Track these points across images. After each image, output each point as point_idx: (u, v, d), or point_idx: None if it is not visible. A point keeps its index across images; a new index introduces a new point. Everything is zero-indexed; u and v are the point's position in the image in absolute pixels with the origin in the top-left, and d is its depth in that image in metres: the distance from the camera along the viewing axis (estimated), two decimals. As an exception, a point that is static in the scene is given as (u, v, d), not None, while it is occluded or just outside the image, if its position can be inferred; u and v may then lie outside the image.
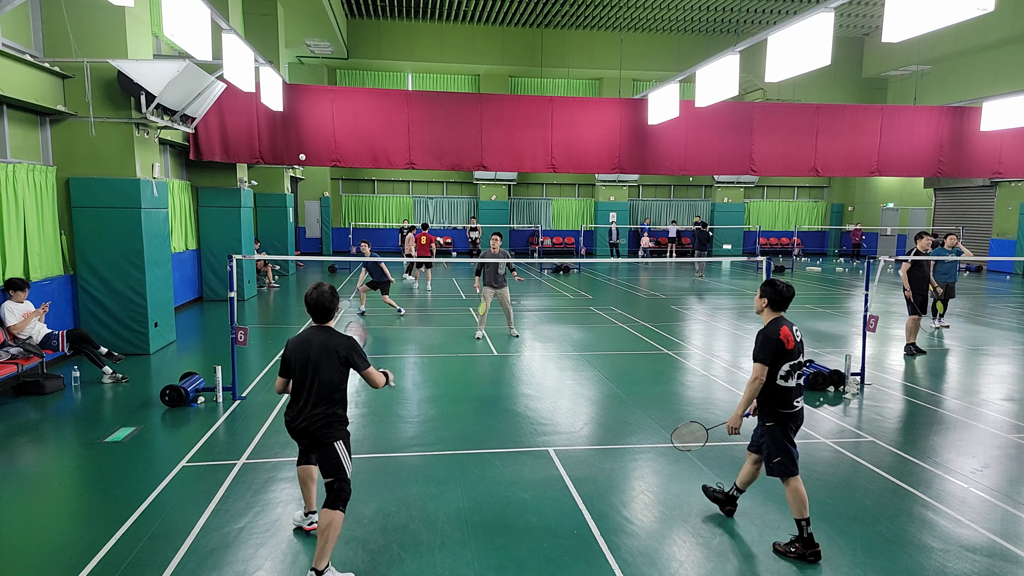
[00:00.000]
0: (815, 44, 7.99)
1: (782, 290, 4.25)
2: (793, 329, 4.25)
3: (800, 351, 4.26)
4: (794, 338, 4.22)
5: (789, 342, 4.16)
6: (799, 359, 4.25)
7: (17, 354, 7.31)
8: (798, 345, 4.24)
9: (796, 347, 4.22)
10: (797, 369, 4.24)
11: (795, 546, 4.09)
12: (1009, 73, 21.00)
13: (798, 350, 4.24)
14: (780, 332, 4.16)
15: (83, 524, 4.57)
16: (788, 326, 4.22)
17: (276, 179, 19.02)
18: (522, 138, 13.96)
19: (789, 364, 4.18)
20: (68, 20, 8.58)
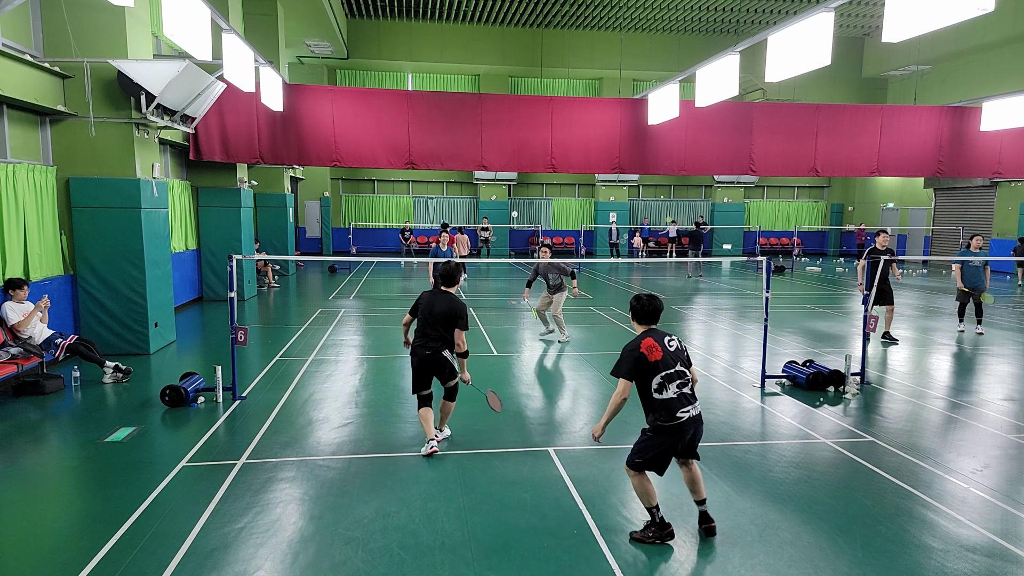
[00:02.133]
0: (815, 44, 7.98)
1: (644, 304, 4.27)
2: (664, 340, 4.21)
3: (675, 360, 4.18)
4: (662, 348, 4.16)
5: (653, 353, 4.12)
6: (675, 368, 4.16)
7: (17, 354, 7.32)
8: (669, 355, 4.18)
9: (666, 358, 4.15)
10: (675, 379, 4.15)
11: (651, 530, 4.26)
12: (1009, 73, 21.00)
13: (670, 360, 4.16)
14: (641, 345, 4.14)
15: (83, 524, 4.57)
16: (655, 337, 4.20)
17: (276, 179, 19.02)
18: (522, 138, 13.95)
19: (660, 376, 4.11)
20: (68, 20, 8.58)
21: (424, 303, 5.81)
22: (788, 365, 8.26)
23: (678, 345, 4.29)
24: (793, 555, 4.14)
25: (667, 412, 4.11)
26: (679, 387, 4.15)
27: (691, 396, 4.22)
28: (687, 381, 4.22)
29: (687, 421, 4.14)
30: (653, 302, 4.28)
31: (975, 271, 11.01)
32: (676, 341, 4.29)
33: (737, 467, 5.51)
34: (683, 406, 4.14)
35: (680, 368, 4.20)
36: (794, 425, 6.64)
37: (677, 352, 4.24)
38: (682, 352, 4.29)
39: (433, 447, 5.68)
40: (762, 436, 6.38)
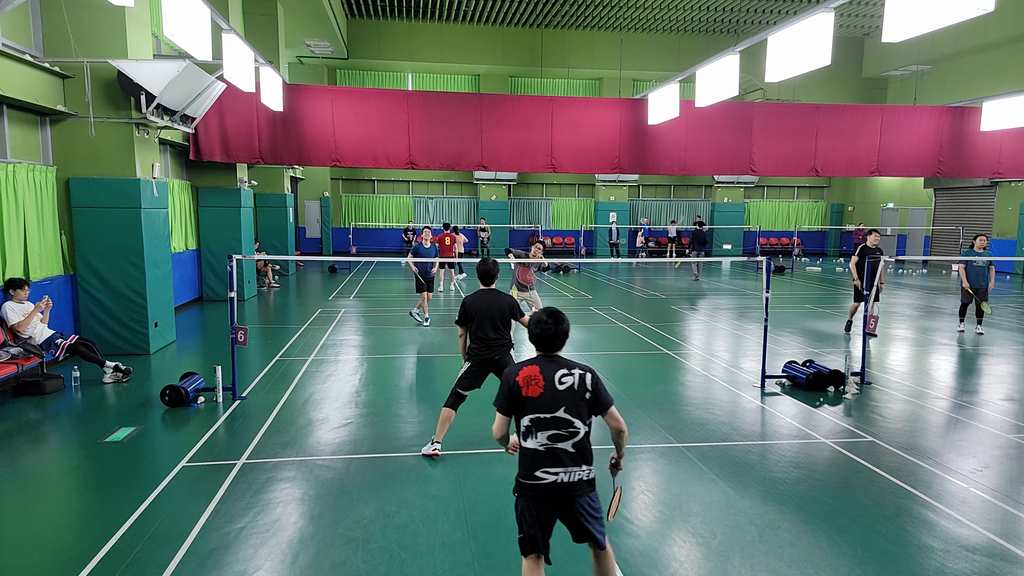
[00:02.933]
0: (815, 44, 7.98)
1: (541, 326, 3.22)
2: (556, 375, 3.14)
3: (558, 404, 3.10)
4: (545, 384, 3.12)
5: (530, 387, 3.13)
6: (554, 414, 3.10)
7: (17, 354, 7.32)
8: (555, 394, 3.11)
9: (546, 397, 3.11)
10: (549, 428, 3.11)
11: None
12: (1009, 73, 21.00)
13: (551, 401, 3.11)
14: (519, 373, 3.18)
15: (83, 524, 4.57)
16: (545, 369, 3.16)
17: (276, 179, 19.02)
18: (522, 138, 13.95)
19: (529, 418, 3.13)
20: (68, 20, 8.58)
21: (475, 308, 5.64)
22: (788, 365, 8.26)
23: (578, 385, 3.13)
24: (793, 555, 4.14)
25: (526, 467, 3.17)
26: (552, 439, 3.10)
27: (571, 456, 3.10)
28: (570, 436, 3.11)
29: (551, 486, 3.09)
30: (551, 325, 3.21)
31: (979, 271, 11.02)
32: (576, 379, 3.14)
33: (737, 467, 5.51)
34: (549, 465, 3.10)
35: (563, 416, 3.10)
36: (794, 425, 6.64)
37: (569, 394, 3.11)
38: (581, 395, 3.13)
39: (436, 449, 5.67)
40: (762, 436, 6.38)
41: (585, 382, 3.15)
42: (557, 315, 3.25)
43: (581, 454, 3.13)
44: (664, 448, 5.93)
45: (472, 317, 5.66)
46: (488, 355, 5.67)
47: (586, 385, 3.15)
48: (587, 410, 3.15)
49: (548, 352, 3.24)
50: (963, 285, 11.12)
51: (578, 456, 3.12)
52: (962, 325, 11.48)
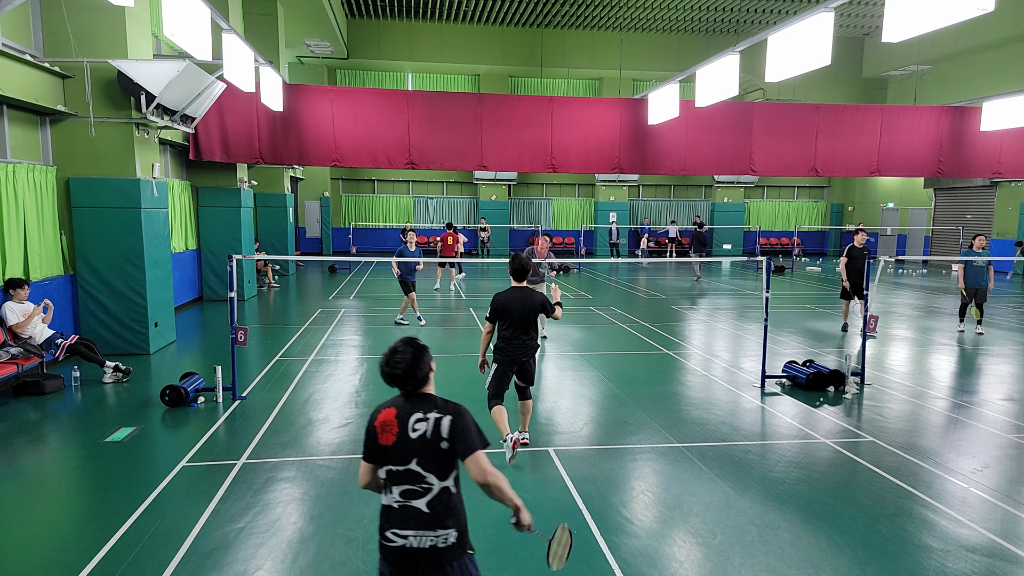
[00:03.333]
0: (815, 44, 7.98)
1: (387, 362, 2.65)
2: (411, 420, 2.60)
3: (409, 456, 2.57)
4: (397, 430, 2.60)
5: (385, 434, 2.61)
6: (406, 467, 2.58)
7: (17, 354, 7.32)
8: (407, 443, 2.58)
9: (398, 446, 2.59)
10: (402, 483, 2.59)
11: None
12: (1009, 73, 21.00)
13: (403, 452, 2.58)
14: (377, 416, 2.66)
15: (83, 524, 4.57)
16: (398, 409, 2.64)
17: (276, 179, 19.02)
18: (522, 138, 13.95)
19: (385, 470, 2.62)
20: (68, 20, 8.58)
21: (506, 306, 5.55)
22: (788, 365, 8.26)
23: (431, 433, 2.58)
24: (793, 555, 4.14)
25: (380, 524, 2.66)
26: (404, 496, 2.59)
27: (424, 518, 2.57)
28: (423, 492, 2.58)
29: (398, 551, 2.58)
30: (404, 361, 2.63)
31: (978, 271, 11.03)
32: (431, 425, 2.59)
33: (737, 467, 5.51)
34: (399, 527, 2.58)
35: (415, 469, 2.58)
36: (794, 425, 6.64)
37: (422, 443, 2.58)
38: (435, 445, 2.58)
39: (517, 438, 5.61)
40: (762, 436, 6.38)
41: (440, 429, 2.58)
42: (416, 346, 2.68)
43: (436, 515, 2.58)
44: (664, 448, 5.93)
45: (502, 315, 5.56)
46: (515, 355, 5.61)
47: (440, 432, 2.58)
48: (444, 462, 2.60)
49: (412, 388, 2.67)
50: (960, 285, 11.16)
51: (432, 518, 2.57)
52: (962, 325, 11.48)
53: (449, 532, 2.60)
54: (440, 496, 2.60)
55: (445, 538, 2.59)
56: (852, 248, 11.26)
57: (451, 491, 2.63)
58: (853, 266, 11.22)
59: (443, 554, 2.58)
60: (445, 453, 2.59)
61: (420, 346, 2.71)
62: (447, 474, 2.62)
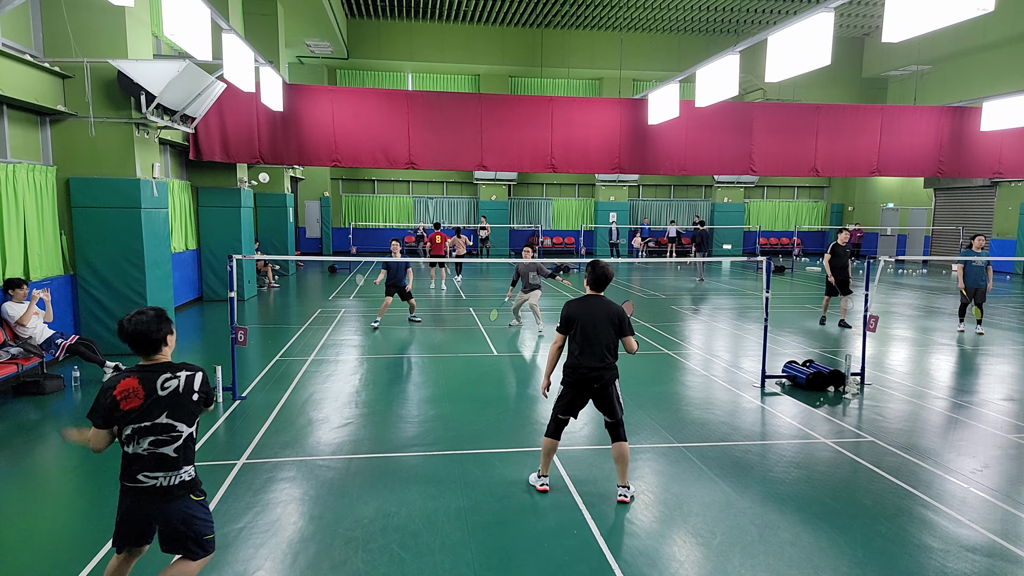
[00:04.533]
0: (815, 44, 7.98)
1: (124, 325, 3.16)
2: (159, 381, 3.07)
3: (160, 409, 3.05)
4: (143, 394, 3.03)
5: (128, 401, 3.03)
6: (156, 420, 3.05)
7: (17, 354, 7.32)
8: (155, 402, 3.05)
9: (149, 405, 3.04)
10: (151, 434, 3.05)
11: None
12: (1009, 73, 21.00)
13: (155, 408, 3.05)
14: (116, 387, 3.04)
15: (83, 524, 4.57)
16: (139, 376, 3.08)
17: (276, 179, 19.02)
18: (522, 138, 13.96)
19: (132, 427, 3.05)
20: (68, 20, 8.58)
21: (580, 316, 4.79)
22: (788, 365, 8.26)
23: (184, 388, 3.11)
24: (793, 555, 4.14)
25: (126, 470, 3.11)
26: (153, 445, 3.06)
27: (172, 460, 3.09)
28: (172, 440, 3.09)
29: (152, 490, 3.08)
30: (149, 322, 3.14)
31: (978, 271, 11.04)
32: (182, 381, 3.12)
33: (737, 467, 5.51)
34: (151, 469, 3.07)
35: (166, 421, 3.07)
36: (794, 425, 6.64)
37: (175, 397, 3.09)
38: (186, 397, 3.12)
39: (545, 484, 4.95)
40: (762, 436, 6.38)
41: (192, 383, 3.15)
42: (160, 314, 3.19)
43: (184, 457, 3.14)
44: (664, 448, 5.93)
45: (574, 326, 4.80)
46: (589, 377, 4.75)
47: (193, 387, 3.15)
48: (195, 410, 3.17)
49: (148, 356, 3.14)
50: (959, 285, 11.21)
51: (180, 460, 3.12)
52: (962, 325, 11.49)
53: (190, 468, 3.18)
54: (185, 441, 3.14)
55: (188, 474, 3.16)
56: (836, 246, 11.80)
57: (192, 436, 3.18)
58: (837, 263, 11.74)
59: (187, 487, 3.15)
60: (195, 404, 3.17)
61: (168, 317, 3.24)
62: (192, 422, 3.17)
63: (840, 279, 11.74)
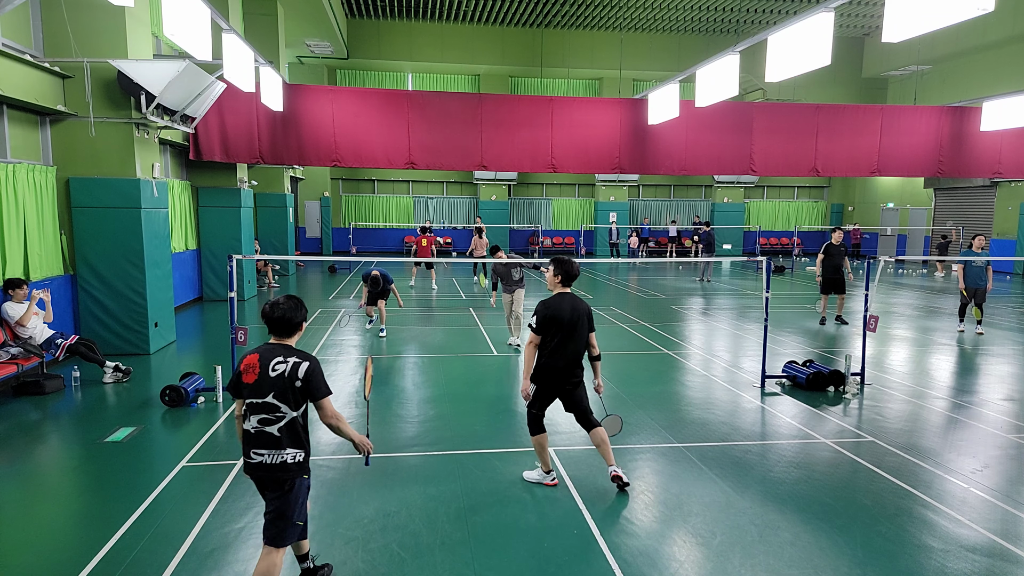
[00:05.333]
0: (815, 44, 7.98)
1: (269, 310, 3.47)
2: (271, 363, 3.34)
3: (268, 390, 3.31)
4: (260, 371, 3.33)
5: (248, 374, 3.35)
6: (263, 399, 3.31)
7: (17, 354, 7.32)
8: (266, 381, 3.31)
9: (259, 383, 3.32)
10: (260, 412, 3.31)
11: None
12: (1009, 73, 21.00)
13: (263, 387, 3.31)
14: (244, 360, 3.41)
15: (83, 524, 4.57)
16: (261, 354, 3.39)
17: (276, 179, 19.02)
18: (522, 138, 13.95)
19: (247, 403, 3.35)
20: (68, 20, 8.58)
21: (560, 316, 4.76)
22: (788, 365, 8.26)
23: (289, 373, 3.33)
24: (793, 555, 4.14)
25: (243, 447, 3.39)
26: (261, 423, 3.31)
27: (275, 440, 3.30)
28: (276, 420, 3.32)
29: (253, 466, 3.33)
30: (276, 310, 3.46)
31: (977, 271, 11.04)
32: (289, 367, 3.34)
33: (737, 467, 5.51)
34: (258, 446, 3.32)
35: (272, 401, 3.31)
36: (794, 425, 6.64)
37: (279, 381, 3.31)
38: (290, 382, 3.32)
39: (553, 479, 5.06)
40: (762, 436, 6.38)
41: (297, 371, 3.33)
42: (295, 301, 3.50)
43: (285, 440, 3.32)
44: (664, 448, 5.93)
45: (552, 327, 4.76)
46: (563, 379, 4.87)
47: (297, 374, 3.33)
48: (297, 397, 3.34)
49: (280, 337, 3.48)
50: (960, 286, 11.22)
51: (278, 441, 3.31)
52: (962, 325, 11.49)
53: (298, 452, 3.37)
54: (290, 423, 3.34)
55: (295, 456, 3.35)
56: (830, 246, 12.01)
57: (297, 420, 3.37)
58: (831, 263, 11.92)
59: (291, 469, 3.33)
60: (297, 391, 3.33)
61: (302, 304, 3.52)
62: (296, 407, 3.34)
63: (833, 278, 11.90)
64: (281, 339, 3.47)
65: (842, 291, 12.09)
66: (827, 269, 11.98)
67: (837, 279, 11.93)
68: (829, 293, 12.14)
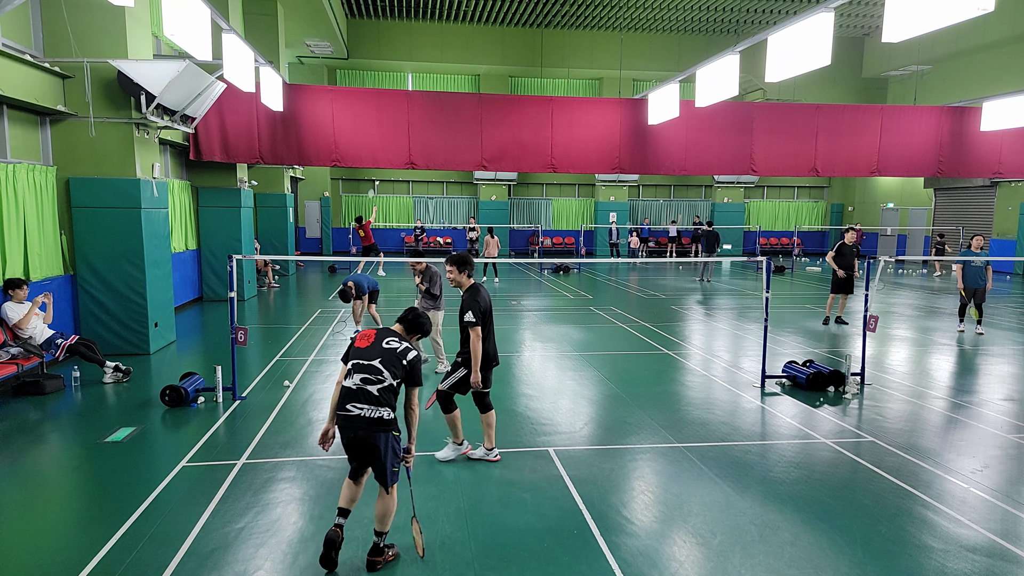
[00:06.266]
0: (815, 44, 7.98)
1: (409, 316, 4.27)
2: (385, 339, 4.05)
3: (375, 356, 3.95)
4: (372, 340, 4.03)
5: (360, 341, 4.05)
6: (371, 362, 3.93)
7: (17, 354, 7.32)
8: (378, 350, 3.98)
9: (371, 349, 3.99)
10: (363, 372, 3.92)
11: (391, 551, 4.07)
12: (1009, 73, 21.00)
13: (373, 352, 3.97)
14: (357, 338, 4.10)
15: (83, 524, 4.57)
16: (378, 332, 4.12)
17: (276, 179, 19.02)
18: (522, 138, 13.95)
19: (352, 362, 3.98)
20: (68, 20, 8.58)
21: (486, 301, 5.38)
22: (788, 365, 8.26)
23: (400, 351, 3.98)
24: (793, 555, 4.14)
25: (341, 399, 3.94)
26: (363, 382, 3.90)
27: (372, 397, 3.87)
28: (377, 382, 3.89)
29: (350, 418, 3.87)
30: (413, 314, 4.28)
31: (977, 271, 11.04)
32: (401, 347, 4.01)
33: (737, 467, 5.51)
34: (356, 400, 3.88)
35: (377, 366, 3.92)
36: (794, 425, 6.64)
37: (389, 353, 3.97)
38: (399, 358, 3.96)
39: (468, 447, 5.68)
40: (762, 436, 6.38)
41: (406, 354, 4.00)
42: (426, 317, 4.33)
43: (379, 399, 3.88)
44: (664, 448, 5.93)
45: (487, 315, 5.36)
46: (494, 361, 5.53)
47: (407, 356, 3.99)
48: (398, 371, 3.94)
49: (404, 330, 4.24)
50: (959, 286, 11.24)
51: (374, 398, 3.87)
52: (962, 325, 11.49)
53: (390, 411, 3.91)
54: (387, 387, 3.91)
55: (388, 413, 3.89)
56: (843, 245, 12.17)
57: (392, 388, 3.93)
58: (842, 262, 12.02)
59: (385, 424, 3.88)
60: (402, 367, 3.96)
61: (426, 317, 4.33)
62: (396, 376, 3.94)
63: (844, 280, 12.01)
64: (403, 332, 4.21)
65: (850, 291, 12.19)
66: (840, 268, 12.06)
67: (847, 280, 12.04)
68: (838, 293, 12.22)
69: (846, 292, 12.16)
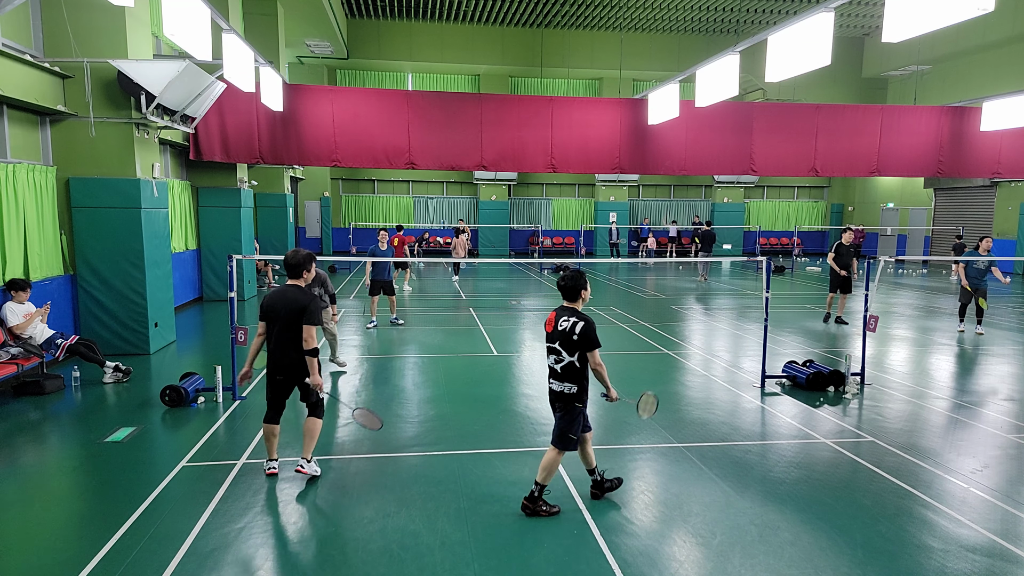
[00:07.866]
0: (815, 44, 7.98)
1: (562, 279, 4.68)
2: (560, 319, 4.57)
3: (554, 339, 4.57)
4: (554, 325, 4.60)
5: (547, 326, 4.68)
6: (552, 344, 4.59)
7: (17, 354, 7.31)
8: (556, 333, 4.57)
9: (552, 334, 4.61)
10: (552, 354, 4.60)
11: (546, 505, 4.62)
12: (1009, 73, 21.00)
13: (553, 335, 4.59)
14: (548, 319, 4.69)
15: (83, 524, 4.57)
16: (558, 313, 4.64)
17: (276, 179, 19.02)
18: (522, 138, 13.95)
19: (546, 345, 4.67)
20: (68, 20, 8.58)
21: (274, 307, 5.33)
22: (788, 365, 8.26)
23: (569, 328, 4.51)
24: (793, 555, 4.14)
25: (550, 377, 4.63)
26: (554, 362, 4.60)
27: (558, 374, 4.56)
28: (559, 360, 4.56)
29: (551, 391, 4.66)
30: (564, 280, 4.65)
31: (978, 272, 11.04)
32: (569, 323, 4.52)
33: (737, 467, 5.51)
34: (552, 378, 4.64)
35: (556, 347, 4.56)
36: (794, 425, 6.64)
37: (562, 333, 4.53)
38: (569, 334, 4.50)
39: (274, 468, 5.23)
40: (762, 436, 6.38)
41: (573, 326, 4.49)
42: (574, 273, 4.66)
43: (563, 374, 4.55)
44: (664, 448, 5.93)
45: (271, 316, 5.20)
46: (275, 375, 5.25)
47: (573, 330, 4.49)
48: (573, 347, 4.48)
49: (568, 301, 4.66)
50: (963, 284, 11.23)
51: (559, 375, 4.57)
52: (962, 325, 11.49)
53: (570, 386, 4.57)
54: (567, 365, 4.53)
55: (568, 388, 4.57)
56: (840, 245, 12.29)
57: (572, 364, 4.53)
58: (840, 262, 12.17)
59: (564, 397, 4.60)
60: (574, 343, 4.48)
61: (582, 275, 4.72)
62: (572, 353, 4.51)
63: (844, 279, 12.13)
64: (570, 303, 4.64)
65: (848, 290, 12.29)
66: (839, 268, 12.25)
67: (847, 279, 12.18)
68: (836, 291, 12.37)
69: (844, 291, 12.24)
